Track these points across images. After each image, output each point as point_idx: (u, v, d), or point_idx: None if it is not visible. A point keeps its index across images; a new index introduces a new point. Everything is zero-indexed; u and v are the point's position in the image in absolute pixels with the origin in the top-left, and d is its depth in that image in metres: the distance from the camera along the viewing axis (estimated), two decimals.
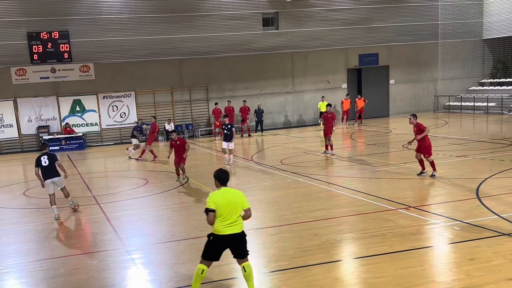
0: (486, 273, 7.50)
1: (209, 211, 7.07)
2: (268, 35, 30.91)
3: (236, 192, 7.29)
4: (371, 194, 12.75)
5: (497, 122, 27.70)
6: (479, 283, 7.14)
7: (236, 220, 7.13)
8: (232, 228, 7.11)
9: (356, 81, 33.64)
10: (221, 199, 7.08)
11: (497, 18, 33.71)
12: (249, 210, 7.25)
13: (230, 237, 7.12)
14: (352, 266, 8.43)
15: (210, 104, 30.12)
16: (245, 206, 7.21)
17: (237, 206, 7.13)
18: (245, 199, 7.25)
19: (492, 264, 7.83)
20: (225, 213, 7.06)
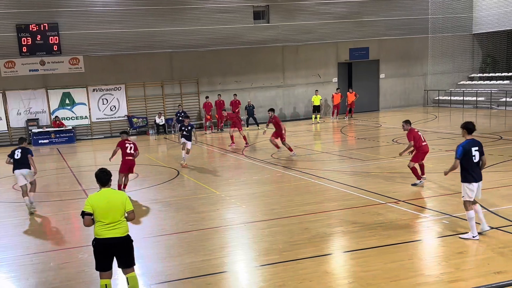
0: (474, 267, 7.58)
1: (85, 214, 6.75)
2: (259, 28, 30.85)
3: (117, 193, 6.96)
4: (361, 188, 12.82)
5: (486, 117, 27.91)
6: (468, 277, 7.21)
7: (117, 223, 6.75)
8: (112, 231, 6.72)
9: (347, 75, 33.69)
10: (99, 201, 6.75)
11: (487, 13, 33.87)
12: (132, 213, 6.89)
13: (111, 240, 6.71)
14: (342, 260, 8.48)
15: (201, 97, 30.05)
16: (128, 208, 6.84)
17: (118, 208, 6.76)
18: (128, 200, 6.88)
19: (481, 257, 7.92)
20: (104, 215, 6.69)
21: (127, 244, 6.86)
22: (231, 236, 9.90)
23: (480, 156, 8.70)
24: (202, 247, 9.14)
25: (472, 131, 8.85)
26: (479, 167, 8.73)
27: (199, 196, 13.15)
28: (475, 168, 8.65)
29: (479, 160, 8.68)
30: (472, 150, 8.61)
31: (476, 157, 8.63)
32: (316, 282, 7.32)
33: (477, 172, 8.68)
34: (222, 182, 14.97)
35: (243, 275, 8.08)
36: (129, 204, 6.89)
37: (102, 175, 6.97)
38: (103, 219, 6.73)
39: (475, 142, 8.73)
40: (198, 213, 11.52)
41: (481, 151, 8.72)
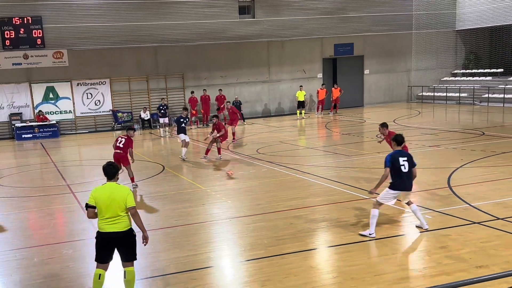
0: (456, 261, 7.69)
1: (88, 207, 6.84)
2: (244, 23, 30.82)
3: (120, 188, 6.90)
4: (345, 183, 12.94)
5: (469, 113, 28.26)
6: (450, 271, 7.31)
7: (117, 218, 6.74)
8: (113, 226, 6.74)
9: (332, 70, 33.82)
10: (102, 195, 6.76)
11: (470, 10, 34.23)
12: (133, 209, 6.79)
13: (112, 235, 6.75)
14: (326, 255, 8.57)
15: (186, 92, 29.97)
16: (129, 205, 6.76)
17: (119, 203, 6.73)
18: (130, 196, 6.80)
19: (463, 252, 8.03)
20: (105, 209, 6.72)
21: (127, 239, 6.85)
22: (216, 231, 9.94)
23: (410, 167, 8.93)
24: (188, 242, 9.17)
25: (400, 143, 9.23)
26: (410, 178, 8.97)
27: (185, 191, 13.17)
28: (404, 177, 8.90)
29: (409, 170, 8.90)
30: (400, 160, 8.90)
31: (405, 167, 8.87)
32: (300, 277, 7.38)
33: (406, 182, 8.94)
34: (207, 177, 15.00)
35: (228, 270, 8.13)
36: (130, 200, 6.81)
37: (108, 168, 7.00)
38: (104, 213, 6.76)
39: (402, 153, 9.07)
40: (184, 208, 11.53)
41: (410, 162, 8.95)
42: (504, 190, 11.49)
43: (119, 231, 6.76)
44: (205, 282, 7.51)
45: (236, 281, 7.61)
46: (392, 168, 8.94)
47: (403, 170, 8.88)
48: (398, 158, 8.93)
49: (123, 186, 7.04)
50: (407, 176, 8.93)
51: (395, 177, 8.97)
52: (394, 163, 8.92)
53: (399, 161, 8.90)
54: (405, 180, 8.94)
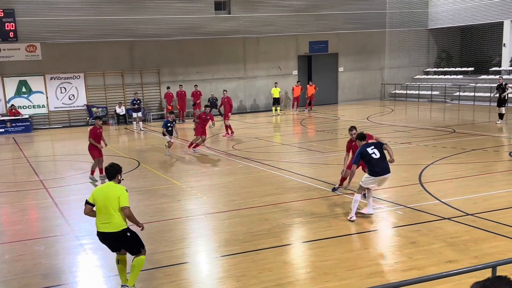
0: (427, 256, 7.84)
1: (86, 203, 6.96)
2: (220, 19, 30.74)
3: (115, 187, 6.87)
4: (320, 179, 13.08)
5: (440, 110, 28.76)
6: (421, 266, 7.46)
7: (110, 218, 6.72)
8: (106, 226, 6.76)
9: (307, 68, 34.01)
10: (99, 194, 6.85)
11: (442, 9, 34.78)
12: (126, 209, 6.73)
13: (105, 235, 6.81)
14: (300, 250, 8.69)
15: (162, 88, 29.78)
16: (122, 204, 6.71)
17: (111, 203, 6.71)
18: (123, 196, 6.75)
19: (433, 247, 8.20)
20: (100, 209, 6.79)
21: (122, 238, 6.84)
22: (191, 227, 9.97)
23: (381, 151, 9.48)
24: (163, 238, 9.17)
25: (363, 138, 9.85)
26: (385, 161, 9.48)
27: (160, 187, 13.14)
28: (379, 163, 9.43)
29: (381, 155, 9.44)
30: (367, 150, 9.47)
31: (376, 154, 9.42)
32: (275, 272, 7.46)
33: (382, 166, 9.46)
34: (183, 173, 14.99)
35: (204, 266, 8.18)
36: (123, 200, 6.75)
37: (106, 169, 7.10)
38: (100, 212, 6.81)
39: (368, 144, 9.64)
40: (159, 204, 11.52)
41: (379, 146, 9.54)
42: (474, 187, 11.77)
43: (112, 232, 6.78)
44: (180, 278, 7.53)
45: (211, 276, 7.66)
46: (365, 160, 9.51)
47: (374, 157, 9.42)
48: (365, 149, 9.50)
49: (119, 185, 6.98)
50: (381, 160, 9.46)
51: (371, 165, 9.47)
52: (364, 157, 9.48)
53: (368, 152, 9.44)
54: (380, 164, 9.45)
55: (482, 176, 12.76)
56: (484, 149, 16.28)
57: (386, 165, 9.53)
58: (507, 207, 10.02)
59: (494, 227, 8.85)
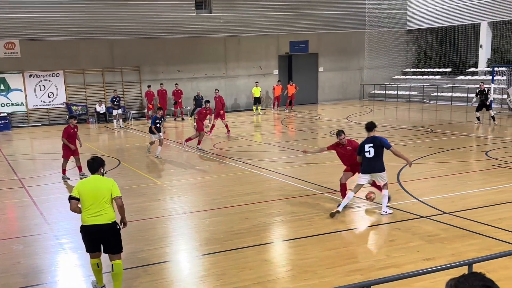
0: (405, 254, 7.97)
1: (71, 198, 6.84)
2: (200, 18, 30.69)
3: (104, 180, 6.90)
4: (300, 178, 13.19)
5: (418, 110, 29.14)
6: (399, 263, 7.58)
7: (102, 210, 6.70)
8: (97, 218, 6.68)
9: (287, 67, 34.16)
10: (86, 187, 6.78)
11: (420, 10, 35.21)
12: (119, 199, 6.79)
13: (96, 228, 6.70)
14: (281, 248, 8.77)
15: (143, 86, 29.63)
16: (115, 194, 6.76)
17: (103, 195, 6.71)
18: (115, 187, 6.81)
19: (411, 245, 8.33)
20: (89, 202, 6.70)
21: (112, 231, 6.79)
22: (172, 226, 9.98)
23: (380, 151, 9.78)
24: (143, 237, 9.16)
25: (370, 129, 10.09)
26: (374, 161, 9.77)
27: (141, 186, 13.11)
28: (368, 161, 9.80)
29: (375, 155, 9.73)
30: (365, 146, 9.81)
31: (370, 153, 9.73)
32: (255, 271, 7.51)
33: (369, 165, 9.82)
34: (164, 172, 14.98)
35: (185, 264, 8.20)
36: (116, 190, 6.81)
37: (89, 162, 7.04)
38: (89, 205, 6.71)
39: (369, 140, 9.89)
40: (140, 203, 11.49)
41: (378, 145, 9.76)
42: (451, 186, 11.98)
43: (103, 224, 6.70)
44: (160, 276, 7.53)
45: (192, 275, 7.68)
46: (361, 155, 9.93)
47: (367, 155, 9.78)
48: (364, 145, 9.86)
49: (107, 178, 7.01)
50: (373, 159, 9.75)
51: (362, 162, 9.92)
52: (361, 150, 9.89)
53: (364, 148, 9.81)
54: (369, 163, 9.80)
55: (459, 175, 13.00)
56: (461, 148, 16.56)
57: (378, 164, 9.80)
58: (483, 206, 10.24)
59: (470, 226, 9.03)
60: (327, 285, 6.90)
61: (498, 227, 8.88)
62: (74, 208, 6.87)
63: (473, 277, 2.58)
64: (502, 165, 13.89)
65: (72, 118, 14.45)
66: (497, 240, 8.31)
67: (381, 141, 9.86)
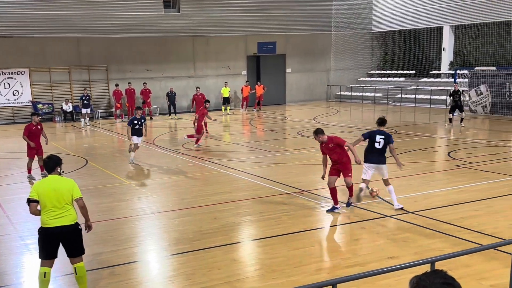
0: (370, 252, 8.15)
1: (30, 201, 6.62)
2: (169, 17, 30.54)
3: (64, 180, 6.72)
4: (268, 178, 13.30)
5: (383, 112, 29.56)
6: (364, 262, 7.74)
7: (64, 211, 6.55)
8: (59, 220, 6.51)
9: (255, 68, 34.31)
10: (45, 188, 6.57)
11: (385, 13, 35.87)
12: (80, 200, 6.65)
13: (58, 229, 6.50)
14: (250, 248, 8.85)
15: (110, 85, 29.30)
16: (76, 195, 6.61)
17: (64, 196, 6.54)
18: (76, 187, 6.66)
19: (376, 244, 8.53)
20: (50, 203, 6.50)
21: (75, 232, 6.64)
22: (141, 226, 9.94)
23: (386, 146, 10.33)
24: (111, 238, 9.11)
25: (380, 124, 10.63)
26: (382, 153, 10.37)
27: (109, 186, 13.01)
28: (376, 152, 10.31)
29: (384, 147, 10.28)
30: (376, 136, 10.29)
31: (380, 144, 10.26)
32: (224, 270, 7.56)
33: (377, 156, 10.34)
34: (132, 172, 14.88)
35: (153, 264, 8.19)
36: (77, 191, 6.65)
37: (47, 161, 6.82)
38: (49, 207, 6.52)
39: (380, 132, 10.41)
40: (107, 203, 11.41)
41: (387, 140, 10.32)
42: (415, 186, 12.28)
43: (65, 225, 6.54)
44: (128, 277, 7.49)
45: (160, 275, 7.68)
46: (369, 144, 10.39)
47: (376, 146, 10.27)
48: (375, 135, 10.33)
49: (67, 178, 6.88)
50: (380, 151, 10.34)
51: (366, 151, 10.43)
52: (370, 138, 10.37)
53: (375, 138, 10.29)
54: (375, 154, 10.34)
55: (422, 175, 13.34)
56: (424, 149, 16.97)
57: (383, 157, 10.43)
58: (445, 205, 10.54)
59: (433, 225, 9.28)
60: (294, 283, 6.96)
61: (460, 226, 9.15)
62: (34, 211, 6.66)
63: (434, 275, 2.63)
64: (464, 165, 14.31)
65: (34, 115, 14.18)
66: (458, 238, 8.56)
67: (389, 137, 10.50)
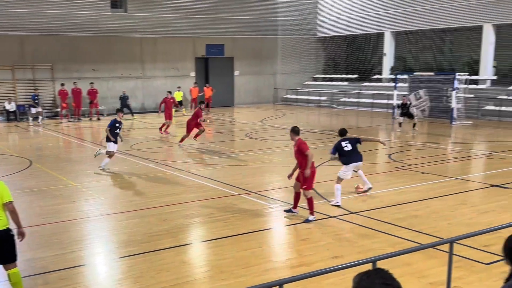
0: (315, 252, 8.40)
1: None
2: (116, 17, 30.12)
3: None
4: (217, 180, 13.43)
5: (328, 115, 30.38)
6: (309, 261, 7.97)
7: None
8: None
9: (204, 70, 34.36)
10: None
11: (330, 18, 36.74)
12: (10, 204, 6.40)
13: None
14: (199, 249, 8.95)
15: (56, 84, 28.55)
16: (6, 199, 6.37)
17: None
18: (6, 191, 6.41)
19: (321, 244, 8.80)
20: None
21: (6, 238, 6.45)
22: (88, 229, 9.85)
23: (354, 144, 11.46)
24: (57, 241, 8.96)
25: (342, 135, 11.74)
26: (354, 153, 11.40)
27: (54, 188, 12.78)
28: (349, 154, 11.34)
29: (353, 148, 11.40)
30: (342, 144, 11.42)
31: (348, 147, 11.36)
32: (172, 272, 7.59)
33: (351, 157, 11.36)
34: (79, 173, 14.63)
35: (101, 268, 8.13)
36: (7, 194, 6.41)
37: None
38: None
39: (343, 139, 11.56)
40: (53, 205, 11.23)
41: (352, 142, 11.47)
42: None
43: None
44: (75, 281, 7.40)
45: (109, 279, 7.64)
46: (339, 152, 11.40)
47: (346, 149, 11.32)
48: (340, 143, 11.41)
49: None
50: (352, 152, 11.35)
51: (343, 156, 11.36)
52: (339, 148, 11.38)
53: (342, 145, 11.38)
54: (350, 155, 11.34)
55: (365, 176, 13.76)
56: (366, 151, 17.48)
57: (359, 155, 11.45)
58: (387, 206, 10.98)
59: (375, 225, 9.67)
60: (242, 284, 7.10)
61: (400, 226, 9.58)
62: None
63: (375, 275, 2.71)
64: (404, 167, 14.93)
65: None
66: (399, 238, 8.95)
67: (354, 138, 11.78)
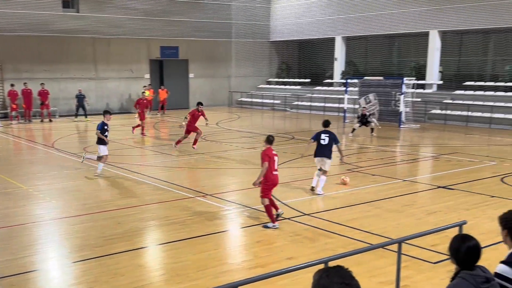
0: (270, 254, 8.54)
1: None
2: (68, 17, 29.55)
3: None
4: (172, 182, 13.40)
5: (281, 118, 30.75)
6: (265, 263, 8.08)
7: None
8: None
9: (159, 72, 34.12)
10: None
11: (282, 22, 37.24)
12: None
13: None
14: (155, 253, 8.92)
15: (5, 85, 27.71)
16: None
17: None
18: None
19: (276, 245, 8.94)
20: None
21: None
22: (39, 233, 9.63)
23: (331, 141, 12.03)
24: (6, 246, 8.76)
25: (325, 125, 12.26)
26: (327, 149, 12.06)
27: (3, 191, 12.45)
28: (321, 148, 12.06)
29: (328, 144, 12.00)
30: (321, 135, 12.02)
31: (325, 141, 11.98)
32: (127, 276, 7.54)
33: (322, 151, 12.07)
34: (29, 176, 14.29)
35: (53, 273, 7.96)
36: None
37: None
38: None
39: (325, 132, 12.10)
40: (1, 209, 10.93)
41: (331, 138, 12.04)
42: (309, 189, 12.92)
43: None
44: (26, 287, 7.29)
45: (61, 284, 7.51)
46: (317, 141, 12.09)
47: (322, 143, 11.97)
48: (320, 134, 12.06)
49: None
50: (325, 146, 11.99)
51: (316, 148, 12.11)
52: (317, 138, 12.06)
53: (321, 136, 12.01)
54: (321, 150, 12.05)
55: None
56: None
57: (328, 152, 12.06)
58: (338, 207, 11.25)
59: (327, 226, 9.89)
60: (197, 287, 7.16)
61: (351, 227, 9.84)
62: None
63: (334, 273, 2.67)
64: (355, 169, 15.30)
65: None
66: (350, 238, 9.20)
67: (335, 136, 12.20)
